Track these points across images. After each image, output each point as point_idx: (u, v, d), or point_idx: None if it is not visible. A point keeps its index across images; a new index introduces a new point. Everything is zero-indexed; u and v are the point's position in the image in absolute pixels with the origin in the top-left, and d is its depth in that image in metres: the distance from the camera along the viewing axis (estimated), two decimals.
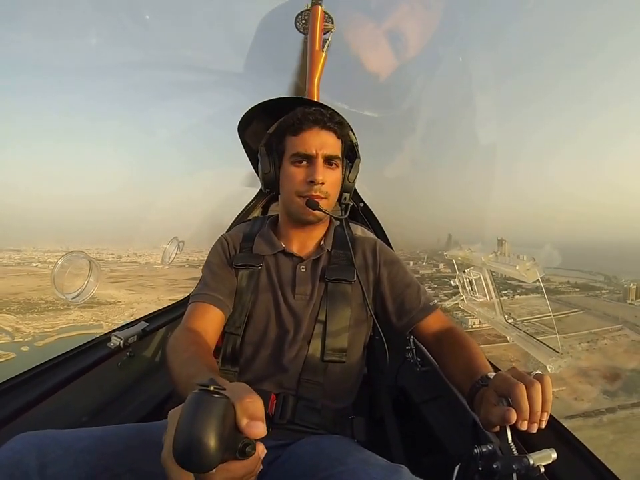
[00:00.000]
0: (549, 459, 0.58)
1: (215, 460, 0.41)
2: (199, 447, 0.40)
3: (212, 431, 0.41)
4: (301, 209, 0.98)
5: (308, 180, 0.96)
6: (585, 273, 21.44)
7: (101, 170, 57.07)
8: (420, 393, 1.38)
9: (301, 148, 0.96)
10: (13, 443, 0.62)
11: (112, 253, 17.13)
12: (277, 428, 0.87)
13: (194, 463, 0.41)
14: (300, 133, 0.97)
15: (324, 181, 0.96)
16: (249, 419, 0.46)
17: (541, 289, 16.21)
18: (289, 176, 0.98)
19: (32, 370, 1.15)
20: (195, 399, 0.43)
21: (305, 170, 0.97)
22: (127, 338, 1.38)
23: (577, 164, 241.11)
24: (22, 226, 6.17)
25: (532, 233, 59.36)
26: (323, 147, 0.96)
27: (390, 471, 0.62)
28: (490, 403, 0.67)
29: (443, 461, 1.07)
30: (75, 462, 0.62)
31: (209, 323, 0.94)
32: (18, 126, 73.72)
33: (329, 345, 0.95)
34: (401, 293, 1.04)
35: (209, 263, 1.08)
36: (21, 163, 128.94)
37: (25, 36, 3.13)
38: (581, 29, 29.74)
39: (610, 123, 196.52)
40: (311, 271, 1.04)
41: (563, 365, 1.68)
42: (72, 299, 1.52)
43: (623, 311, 17.86)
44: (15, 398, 1.02)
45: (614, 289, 19.64)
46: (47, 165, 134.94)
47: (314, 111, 0.98)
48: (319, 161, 0.96)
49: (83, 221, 4.84)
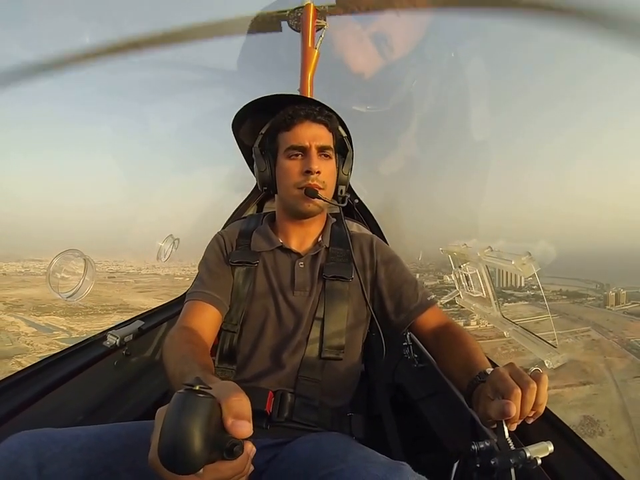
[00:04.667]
0: (546, 452, 0.59)
1: (200, 461, 0.41)
2: (184, 447, 0.39)
3: (197, 431, 0.40)
4: (300, 199, 0.99)
5: (304, 170, 0.97)
6: (581, 282, 22.70)
7: (112, 181, 57.38)
8: (417, 389, 1.39)
9: (295, 141, 0.98)
10: (9, 442, 0.61)
11: (131, 265, 18.31)
12: (275, 425, 0.87)
13: (179, 464, 0.40)
14: (292, 128, 0.99)
15: (320, 170, 0.97)
16: (234, 418, 0.46)
17: (531, 297, 17.32)
18: (286, 170, 1.00)
19: (28, 369, 1.14)
20: (180, 398, 0.42)
21: (300, 162, 0.98)
22: (123, 336, 1.37)
23: (598, 167, 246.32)
24: (38, 237, 6.34)
25: (548, 240, 60.68)
26: (315, 139, 0.98)
27: (391, 468, 0.62)
28: (488, 398, 0.67)
29: (442, 458, 1.07)
30: (73, 461, 0.62)
31: (205, 322, 0.94)
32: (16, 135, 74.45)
33: (326, 342, 0.95)
34: (398, 290, 1.04)
35: (205, 260, 1.08)
36: (26, 173, 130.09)
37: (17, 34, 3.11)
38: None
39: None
40: (309, 267, 1.04)
41: (560, 360, 1.69)
42: (67, 298, 1.51)
43: (597, 315, 20.13)
44: (11, 397, 1.02)
45: (599, 296, 20.99)
46: (55, 175, 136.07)
47: (304, 106, 1.01)
48: (313, 151, 0.98)
49: (97, 231, 4.85)
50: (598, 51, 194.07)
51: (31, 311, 20.49)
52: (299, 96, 1.13)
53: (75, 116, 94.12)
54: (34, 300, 20.51)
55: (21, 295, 21.24)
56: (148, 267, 16.75)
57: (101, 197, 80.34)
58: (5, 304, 21.63)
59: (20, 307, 21.05)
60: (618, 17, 1.63)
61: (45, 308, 20.15)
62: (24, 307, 20.97)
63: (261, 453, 0.82)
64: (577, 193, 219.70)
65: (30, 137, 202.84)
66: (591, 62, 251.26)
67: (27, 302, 20.94)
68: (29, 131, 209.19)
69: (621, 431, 12.59)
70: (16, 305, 21.30)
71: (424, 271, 3.86)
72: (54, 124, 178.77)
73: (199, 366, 0.72)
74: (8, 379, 1.08)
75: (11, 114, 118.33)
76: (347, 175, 1.10)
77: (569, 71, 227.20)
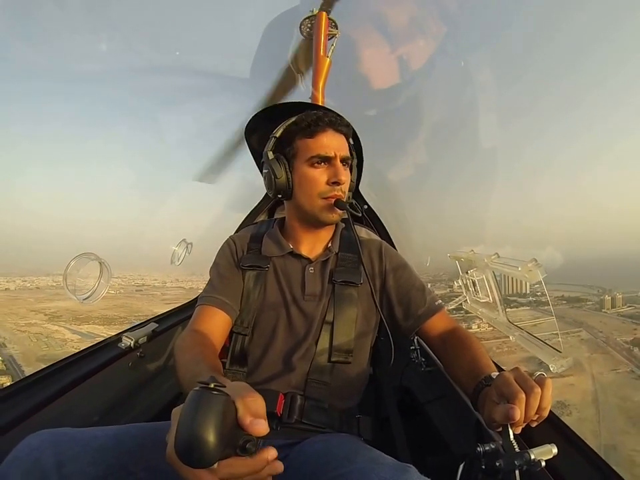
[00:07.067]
0: (550, 454, 0.60)
1: (215, 455, 0.43)
2: (199, 442, 0.41)
3: (211, 427, 0.42)
4: (325, 209, 0.99)
5: (331, 181, 0.97)
6: (585, 287, 23.10)
7: (128, 195, 57.74)
8: (424, 392, 1.40)
9: (321, 150, 0.97)
10: (31, 440, 0.63)
11: (155, 278, 19.49)
12: (285, 427, 0.88)
13: (194, 459, 0.42)
14: (315, 135, 0.97)
15: (345, 181, 0.99)
16: (252, 416, 0.48)
17: (532, 302, 17.71)
18: (310, 179, 0.98)
19: (46, 369, 1.18)
20: (196, 396, 0.44)
21: (325, 171, 0.98)
22: (137, 339, 1.40)
23: (614, 173, 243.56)
24: (64, 252, 6.51)
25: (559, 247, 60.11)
26: (340, 149, 0.98)
27: (398, 470, 0.63)
28: (493, 402, 0.68)
29: (447, 460, 1.09)
30: (92, 460, 0.64)
31: (215, 326, 0.96)
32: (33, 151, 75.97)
33: (336, 346, 0.97)
34: (406, 295, 1.05)
35: (217, 265, 1.09)
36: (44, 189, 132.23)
37: (28, 44, 3.18)
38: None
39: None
40: (319, 272, 1.05)
41: (565, 364, 1.69)
42: (83, 300, 1.54)
43: (592, 318, 21.31)
44: (31, 396, 1.05)
45: (598, 301, 21.40)
46: (72, 190, 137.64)
47: (327, 114, 1.00)
48: (338, 161, 0.98)
49: (118, 246, 4.98)
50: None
51: (71, 321, 21.98)
52: (313, 104, 1.14)
53: (85, 131, 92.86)
54: (71, 311, 21.90)
55: (57, 306, 22.52)
56: (172, 281, 17.25)
57: (118, 212, 79.92)
58: (46, 315, 23.03)
59: (59, 317, 22.54)
60: None
61: (83, 318, 21.44)
62: (63, 317, 22.44)
63: None
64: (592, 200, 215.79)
65: (48, 153, 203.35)
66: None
67: (64, 313, 22.41)
68: (44, 148, 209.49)
69: (587, 413, 14.43)
70: (55, 315, 22.77)
71: (436, 280, 3.89)
72: (67, 140, 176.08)
73: (208, 368, 0.74)
74: (28, 379, 1.11)
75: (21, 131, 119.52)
76: (354, 182, 1.11)
77: (584, 77, 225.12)
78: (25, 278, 25.55)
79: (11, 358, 16.67)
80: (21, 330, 21.48)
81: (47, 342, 20.67)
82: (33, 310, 23.39)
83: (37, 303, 23.69)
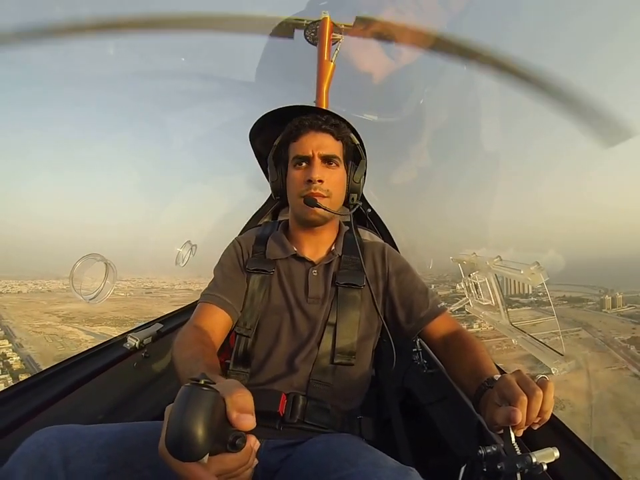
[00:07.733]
0: (552, 457, 0.60)
1: (204, 449, 0.44)
2: (188, 436, 0.43)
3: (200, 421, 0.43)
4: (303, 208, 1.01)
5: (306, 179, 1.00)
6: (588, 288, 23.42)
7: (133, 199, 58.32)
8: (426, 394, 1.40)
9: (300, 151, 1.01)
10: (38, 436, 0.64)
11: (164, 281, 20.57)
12: (288, 427, 0.89)
13: (184, 452, 0.44)
14: (298, 138, 1.02)
15: (322, 178, 0.99)
16: (238, 411, 0.49)
17: (534, 302, 17.93)
18: (292, 179, 1.04)
19: (52, 368, 1.19)
20: (186, 392, 0.46)
21: (304, 171, 1.01)
22: (142, 339, 1.42)
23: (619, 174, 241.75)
24: (71, 256, 6.54)
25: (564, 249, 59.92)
26: (319, 148, 1.00)
27: (399, 473, 0.63)
28: (495, 404, 0.69)
29: (449, 461, 1.09)
30: (97, 457, 0.64)
31: (215, 324, 0.97)
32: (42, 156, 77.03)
33: (338, 348, 0.97)
34: (409, 298, 1.06)
35: (221, 265, 1.11)
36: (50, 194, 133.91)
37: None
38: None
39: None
40: (322, 275, 1.06)
41: (567, 367, 1.70)
42: (89, 300, 1.56)
43: (592, 318, 21.59)
44: (38, 394, 1.07)
45: (598, 301, 21.74)
46: (76, 196, 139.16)
47: (310, 116, 1.03)
48: (316, 160, 1.00)
49: (124, 249, 4.92)
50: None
51: (84, 322, 22.42)
52: (314, 107, 1.16)
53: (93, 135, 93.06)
54: (83, 313, 22.48)
55: (69, 309, 23.06)
56: (180, 283, 17.66)
57: (124, 215, 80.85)
58: (59, 316, 23.53)
59: (72, 319, 22.95)
60: None
61: (95, 320, 22.08)
62: (76, 318, 22.84)
63: (275, 453, 0.86)
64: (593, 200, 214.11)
65: (55, 159, 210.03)
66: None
67: (77, 315, 22.80)
68: (51, 153, 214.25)
69: (579, 407, 14.77)
70: (68, 317, 23.20)
71: (440, 281, 3.89)
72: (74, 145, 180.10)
73: (206, 366, 0.75)
74: (36, 377, 1.13)
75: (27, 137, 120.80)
76: (358, 183, 1.11)
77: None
78: (37, 281, 26.24)
79: (29, 357, 17.04)
80: (36, 331, 22.01)
81: (62, 342, 21.17)
82: (47, 312, 23.95)
83: (50, 306, 24.26)
